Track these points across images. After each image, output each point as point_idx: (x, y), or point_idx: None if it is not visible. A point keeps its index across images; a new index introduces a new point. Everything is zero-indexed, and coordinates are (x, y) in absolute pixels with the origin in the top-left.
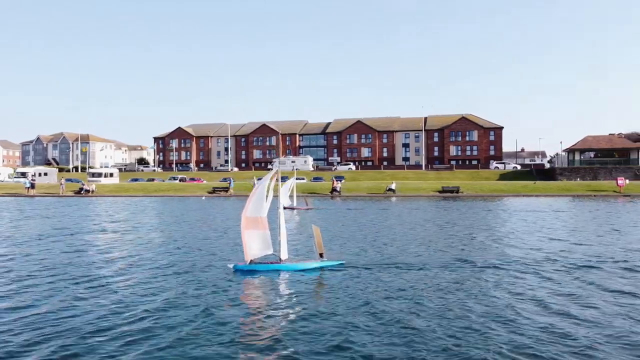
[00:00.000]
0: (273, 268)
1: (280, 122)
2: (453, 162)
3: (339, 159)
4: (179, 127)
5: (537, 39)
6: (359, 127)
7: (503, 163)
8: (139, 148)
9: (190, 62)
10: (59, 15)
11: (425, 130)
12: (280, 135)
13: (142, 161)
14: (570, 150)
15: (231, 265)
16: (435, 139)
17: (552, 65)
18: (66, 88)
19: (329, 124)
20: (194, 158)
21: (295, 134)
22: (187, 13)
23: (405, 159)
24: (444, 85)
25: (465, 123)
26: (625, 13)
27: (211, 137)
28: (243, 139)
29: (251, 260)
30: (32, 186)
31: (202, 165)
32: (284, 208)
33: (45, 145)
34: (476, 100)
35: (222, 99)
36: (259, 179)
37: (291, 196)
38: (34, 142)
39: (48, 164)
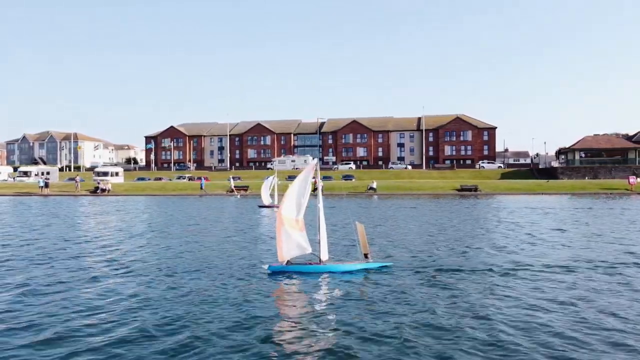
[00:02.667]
0: (312, 269)
1: (274, 122)
2: (448, 162)
3: (334, 159)
4: (172, 126)
5: (525, 40)
6: (354, 126)
7: (489, 162)
8: (126, 147)
9: (178, 62)
10: (48, 14)
11: (420, 130)
12: (275, 135)
13: (131, 160)
14: (570, 150)
15: (266, 266)
16: (430, 139)
17: (538, 66)
18: (50, 87)
19: (323, 123)
20: (187, 157)
21: (290, 133)
22: (177, 12)
23: (400, 158)
24: (435, 85)
25: (459, 123)
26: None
27: (204, 136)
28: (237, 139)
29: (288, 261)
30: (46, 185)
31: (195, 164)
32: (264, 207)
33: (31, 144)
34: (462, 100)
35: (210, 98)
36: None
37: (272, 195)
38: (19, 141)
39: (35, 163)
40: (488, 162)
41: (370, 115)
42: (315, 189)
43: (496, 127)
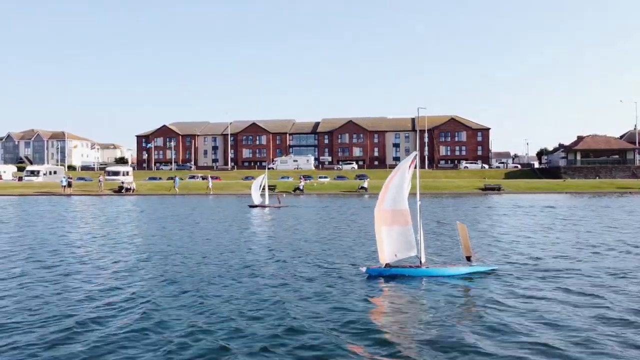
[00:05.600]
0: (412, 273)
1: (269, 121)
2: (442, 162)
3: (329, 159)
4: (164, 125)
5: (510, 41)
6: (350, 127)
7: (472, 163)
8: (112, 147)
9: (165, 61)
10: (33, 13)
11: (415, 130)
12: (270, 135)
13: (120, 160)
14: (571, 151)
15: (364, 269)
16: (425, 139)
17: (521, 66)
18: (32, 85)
19: (318, 123)
20: (180, 157)
21: (286, 133)
22: (167, 11)
23: (396, 158)
24: (426, 86)
25: (454, 124)
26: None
27: (198, 135)
28: (232, 138)
29: (387, 264)
30: (69, 185)
31: (183, 164)
32: (254, 206)
33: (16, 142)
34: (450, 100)
35: (198, 98)
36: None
37: (262, 194)
38: (4, 140)
39: (20, 162)
40: (470, 163)
41: (361, 115)
42: (296, 189)
43: (489, 128)
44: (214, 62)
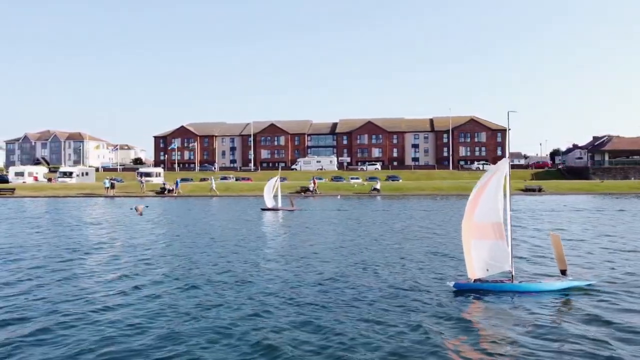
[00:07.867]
0: (503, 288)
1: (288, 122)
2: (462, 163)
3: (349, 159)
4: (182, 126)
5: (518, 39)
6: (369, 127)
7: (485, 164)
8: (126, 147)
9: (176, 61)
10: (49, 14)
11: (434, 131)
12: (288, 135)
13: (137, 161)
14: (598, 151)
15: (451, 284)
16: (444, 140)
17: (519, 66)
18: (46, 86)
19: (335, 124)
20: (198, 158)
21: (304, 134)
22: (174, 11)
23: (415, 159)
24: (425, 86)
25: (473, 124)
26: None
27: (216, 136)
28: (250, 139)
29: (477, 279)
30: (112, 186)
31: (205, 164)
32: (267, 209)
33: (33, 143)
34: (461, 99)
35: (209, 99)
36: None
37: (275, 196)
38: (20, 140)
39: (37, 163)
40: (481, 164)
41: (378, 115)
42: (307, 190)
43: (510, 129)
44: (217, 63)
